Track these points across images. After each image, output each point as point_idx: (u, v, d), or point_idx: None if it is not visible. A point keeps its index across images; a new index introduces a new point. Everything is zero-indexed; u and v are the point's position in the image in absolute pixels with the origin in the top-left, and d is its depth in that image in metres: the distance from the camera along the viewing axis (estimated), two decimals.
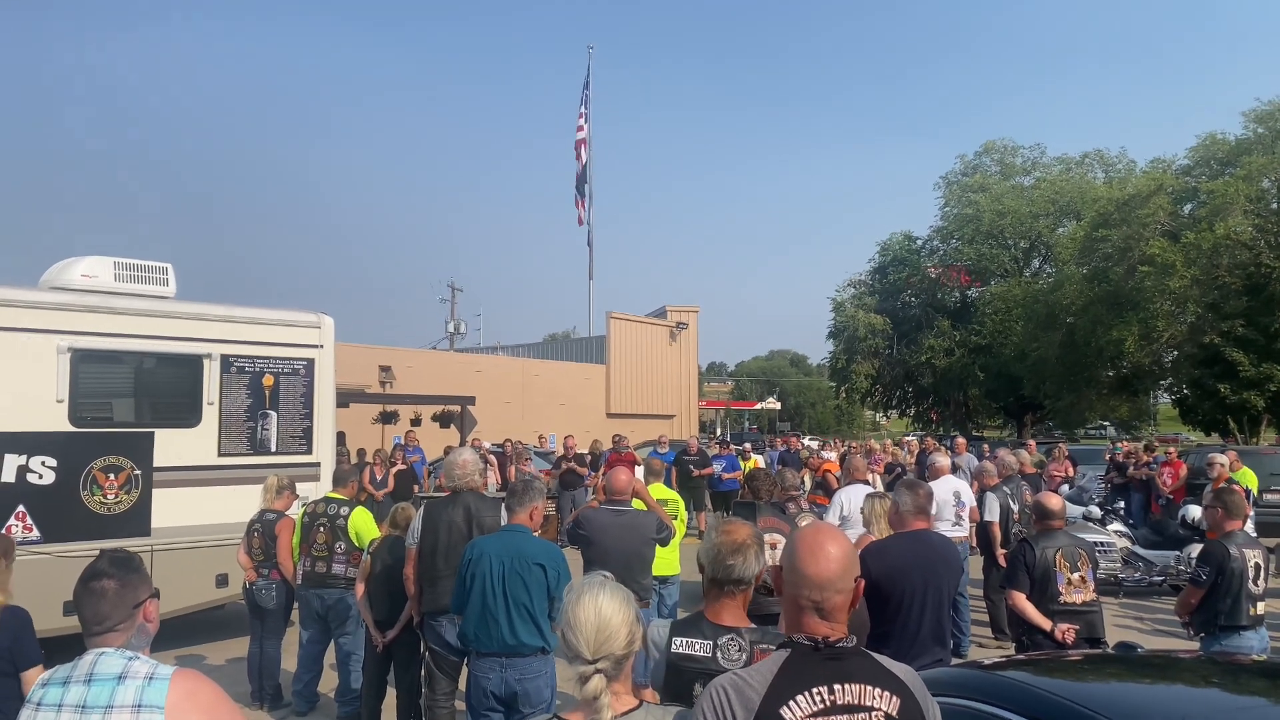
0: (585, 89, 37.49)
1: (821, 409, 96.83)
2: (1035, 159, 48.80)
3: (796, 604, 2.20)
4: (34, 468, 7.70)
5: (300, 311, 9.68)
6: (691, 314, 37.53)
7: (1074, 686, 2.99)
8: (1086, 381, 35.44)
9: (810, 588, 2.17)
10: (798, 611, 2.19)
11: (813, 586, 2.17)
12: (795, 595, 2.20)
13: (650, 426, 27.28)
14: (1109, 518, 12.51)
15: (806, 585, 2.17)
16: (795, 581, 2.20)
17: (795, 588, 2.20)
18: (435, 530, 5.62)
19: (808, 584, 2.17)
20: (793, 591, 2.21)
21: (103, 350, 8.27)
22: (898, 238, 51.37)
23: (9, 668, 3.76)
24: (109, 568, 2.56)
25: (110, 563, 2.59)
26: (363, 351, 23.96)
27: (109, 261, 8.68)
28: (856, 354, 48.41)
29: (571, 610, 2.18)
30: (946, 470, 9.72)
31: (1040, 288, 41.11)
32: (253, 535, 7.41)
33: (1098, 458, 21.26)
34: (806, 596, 2.17)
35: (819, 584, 2.17)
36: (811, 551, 2.20)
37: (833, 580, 2.18)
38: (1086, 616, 5.55)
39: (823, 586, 2.17)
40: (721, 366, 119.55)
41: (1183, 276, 28.66)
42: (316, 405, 9.54)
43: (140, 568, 2.63)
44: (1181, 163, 36.10)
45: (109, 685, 2.37)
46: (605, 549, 5.84)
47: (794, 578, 2.21)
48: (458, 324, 40.20)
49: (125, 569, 2.57)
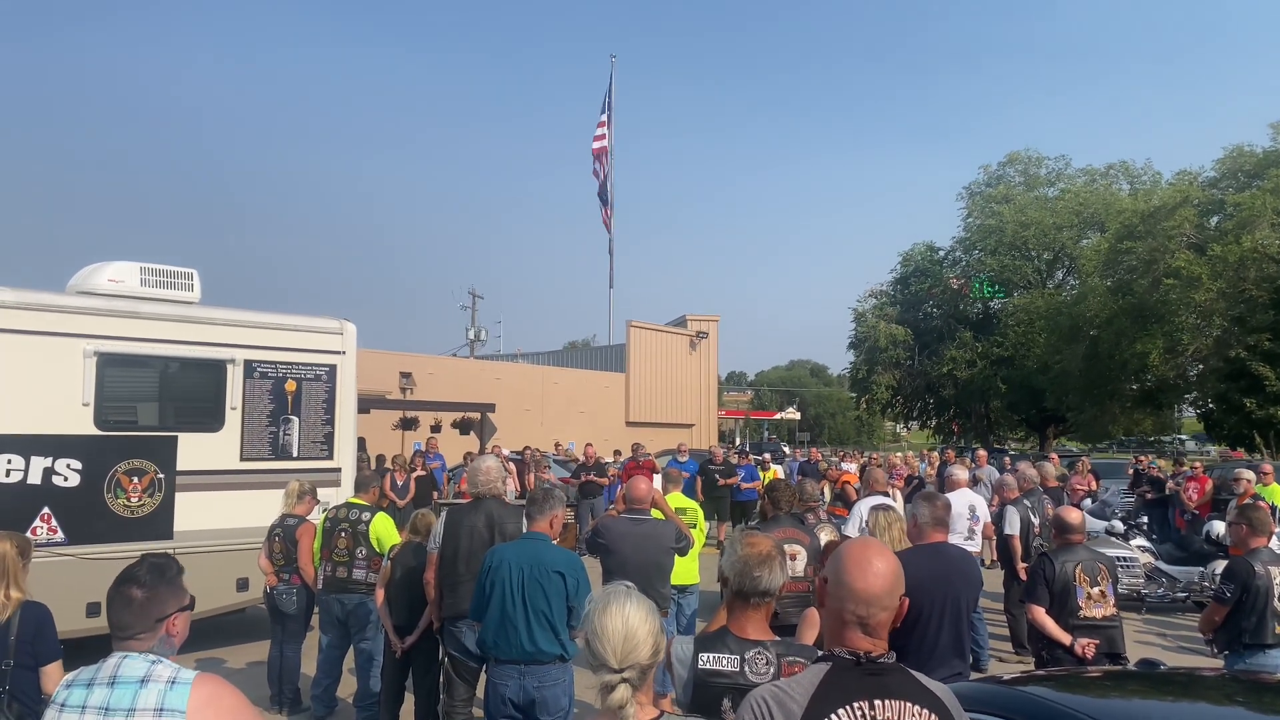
0: (607, 97, 37.65)
1: (842, 420, 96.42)
2: (1060, 170, 48.56)
3: (840, 618, 2.17)
4: (59, 470, 7.78)
5: (323, 318, 9.75)
6: (712, 323, 37.54)
7: (1096, 703, 2.97)
8: (1110, 395, 35.16)
9: (857, 602, 2.14)
10: (841, 625, 2.17)
11: (859, 601, 2.14)
12: (839, 609, 2.17)
13: (669, 435, 27.29)
14: (1132, 532, 12.38)
15: (853, 600, 2.15)
16: (841, 595, 2.17)
17: (840, 601, 2.17)
18: (457, 536, 5.64)
19: (855, 598, 2.15)
20: (837, 605, 2.18)
21: (128, 354, 8.35)
22: (920, 248, 51.18)
23: (30, 661, 3.81)
24: (143, 575, 2.55)
25: (148, 569, 2.58)
26: (384, 358, 24.10)
27: (135, 267, 8.77)
28: (877, 365, 48.22)
29: (598, 619, 2.19)
30: (964, 484, 9.66)
31: (1064, 300, 40.82)
32: (274, 540, 7.46)
33: (1120, 471, 21.07)
34: (851, 611, 2.14)
35: (866, 599, 2.15)
36: (860, 566, 2.17)
37: (880, 596, 2.16)
38: (1107, 631, 5.50)
39: (869, 602, 2.15)
40: (741, 376, 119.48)
41: (1208, 289, 28.42)
42: (338, 411, 9.60)
43: (175, 579, 2.61)
44: (1208, 175, 35.81)
45: (132, 688, 2.40)
46: (624, 558, 5.85)
47: (840, 591, 2.18)
48: (478, 331, 40.31)
49: (158, 579, 2.56)
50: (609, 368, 33.67)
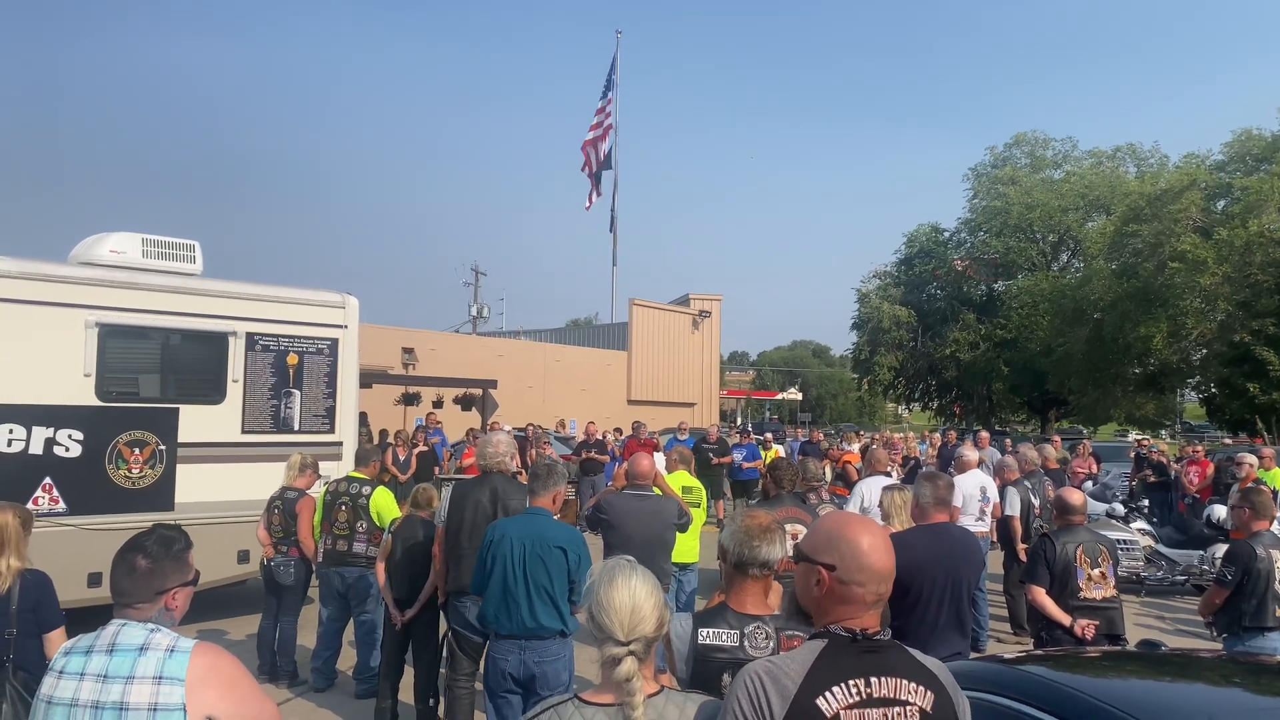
0: (611, 73, 37.42)
1: (843, 400, 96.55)
2: (1066, 152, 48.31)
3: (843, 596, 2.13)
4: (61, 440, 7.78)
5: (325, 291, 9.72)
6: (714, 302, 37.46)
7: (1097, 683, 2.95)
8: (1112, 378, 35.13)
9: (879, 581, 2.12)
10: (843, 602, 2.13)
11: (882, 579, 2.13)
12: (857, 592, 2.12)
13: (671, 414, 27.26)
14: (1132, 515, 12.39)
15: (875, 579, 2.12)
16: (861, 578, 2.11)
17: (860, 585, 2.11)
18: (461, 509, 5.64)
19: (878, 578, 2.12)
20: (855, 588, 2.12)
21: (130, 326, 8.34)
22: (924, 229, 50.99)
23: (33, 629, 3.84)
24: (150, 545, 2.55)
25: (155, 540, 2.57)
26: (386, 333, 24.08)
27: (137, 238, 8.75)
28: (880, 346, 48.15)
29: (603, 593, 2.18)
30: (974, 464, 9.64)
31: (1068, 282, 40.71)
32: (273, 512, 7.46)
33: (1122, 455, 21.06)
34: (874, 590, 2.12)
35: (887, 575, 2.14)
36: (871, 546, 2.14)
37: (892, 569, 2.16)
38: (1106, 613, 5.51)
39: (888, 578, 2.14)
40: (743, 356, 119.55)
41: (1214, 273, 28.32)
42: (340, 385, 9.59)
43: (181, 554, 2.60)
44: (1216, 158, 35.66)
45: (130, 656, 2.39)
46: (627, 533, 5.84)
47: (860, 575, 2.12)
48: (481, 308, 40.31)
49: (163, 552, 2.55)
50: (611, 346, 33.63)
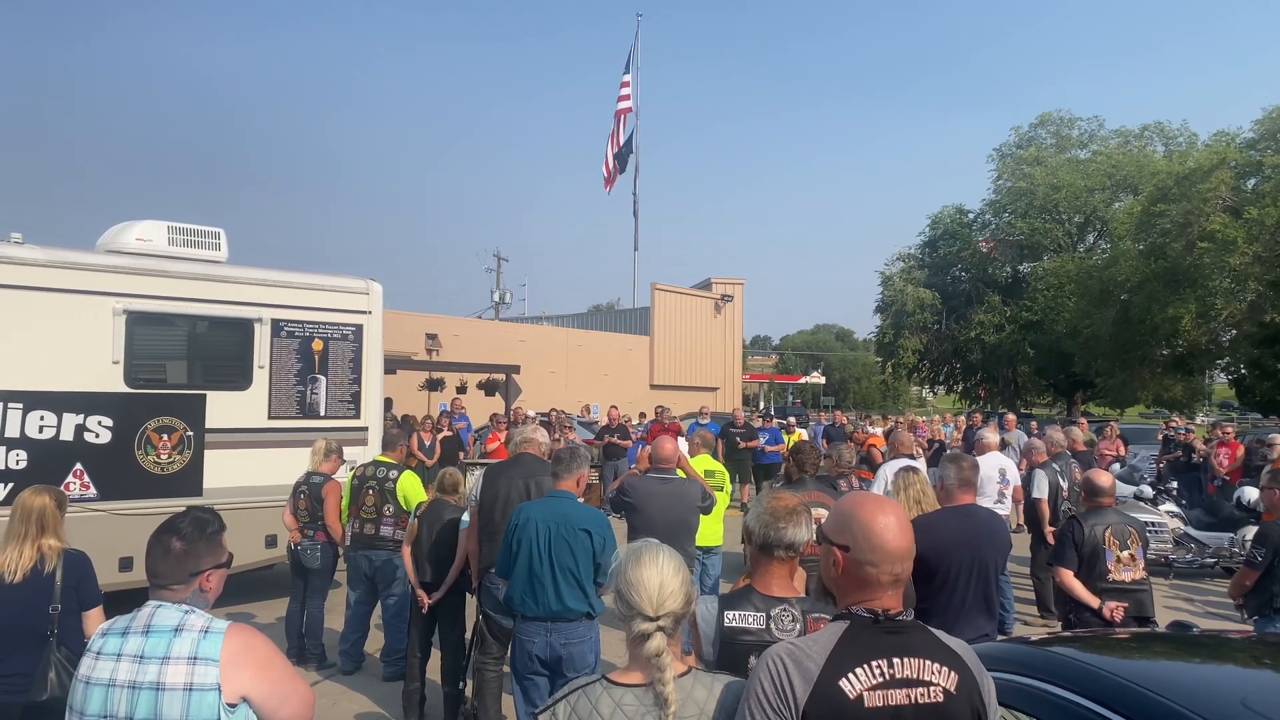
0: (632, 57, 37.26)
1: (867, 384, 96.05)
2: (1092, 131, 47.55)
3: (868, 580, 2.13)
4: (90, 427, 7.88)
5: (349, 278, 9.77)
6: (737, 286, 37.34)
7: (1125, 664, 2.93)
8: (1140, 360, 34.69)
9: (894, 561, 2.13)
10: (861, 583, 2.14)
11: (897, 560, 2.13)
12: (872, 573, 2.13)
13: (693, 399, 27.23)
14: (1161, 498, 12.29)
15: (889, 560, 2.12)
16: (876, 559, 2.13)
17: (875, 565, 2.13)
18: (495, 487, 5.68)
19: (892, 558, 2.13)
20: (870, 570, 2.13)
21: (157, 313, 8.42)
22: (949, 211, 50.43)
23: (75, 606, 3.91)
24: (185, 527, 2.59)
25: (190, 522, 2.61)
26: (410, 319, 24.18)
27: (163, 226, 8.82)
28: (904, 329, 47.76)
29: (632, 570, 2.21)
30: (994, 447, 9.58)
31: (1094, 263, 40.17)
32: (299, 497, 7.53)
33: (1149, 437, 20.85)
34: (889, 571, 2.12)
35: (903, 556, 2.14)
36: (886, 526, 2.15)
37: (910, 549, 2.16)
38: (1135, 595, 5.47)
39: (904, 558, 2.14)
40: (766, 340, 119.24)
41: (1244, 253, 27.88)
42: (365, 370, 9.65)
43: (214, 536, 2.63)
44: (1246, 136, 34.98)
45: (165, 637, 2.43)
46: (650, 516, 5.86)
47: (875, 556, 2.13)
48: (503, 293, 40.27)
49: (197, 533, 2.59)
50: (633, 330, 33.61)
